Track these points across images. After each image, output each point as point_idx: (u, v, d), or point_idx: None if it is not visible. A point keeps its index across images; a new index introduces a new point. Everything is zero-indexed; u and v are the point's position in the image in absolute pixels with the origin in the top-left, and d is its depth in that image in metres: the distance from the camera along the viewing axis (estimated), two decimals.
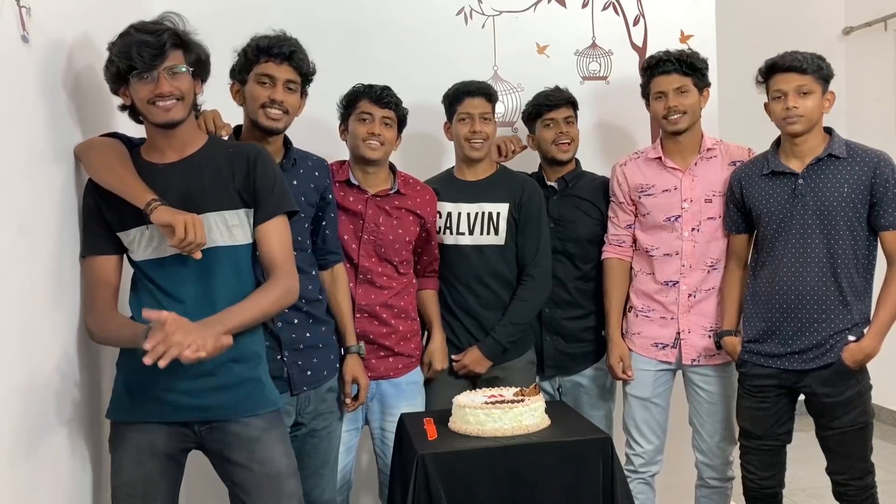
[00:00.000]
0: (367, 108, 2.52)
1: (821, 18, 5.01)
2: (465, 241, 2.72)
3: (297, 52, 2.26)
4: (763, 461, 2.59)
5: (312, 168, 2.38)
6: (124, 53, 1.84)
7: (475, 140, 2.68)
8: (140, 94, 1.87)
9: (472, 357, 2.69)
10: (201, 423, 1.93)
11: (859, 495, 2.48)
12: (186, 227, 1.80)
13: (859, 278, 2.47)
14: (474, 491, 2.06)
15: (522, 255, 2.72)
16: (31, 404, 1.66)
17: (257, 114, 2.24)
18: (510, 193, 2.72)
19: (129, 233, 1.92)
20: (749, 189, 2.58)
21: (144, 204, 1.83)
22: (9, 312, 1.57)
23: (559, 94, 2.85)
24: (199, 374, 1.87)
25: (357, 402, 2.46)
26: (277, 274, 1.96)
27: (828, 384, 2.45)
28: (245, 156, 2.00)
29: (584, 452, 2.13)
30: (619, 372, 2.77)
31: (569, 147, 2.82)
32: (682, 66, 2.65)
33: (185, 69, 1.89)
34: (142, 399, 1.90)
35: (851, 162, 2.45)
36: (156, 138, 1.96)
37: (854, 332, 2.45)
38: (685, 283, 2.71)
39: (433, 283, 2.75)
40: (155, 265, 1.92)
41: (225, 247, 1.94)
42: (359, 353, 2.46)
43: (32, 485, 1.65)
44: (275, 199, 2.00)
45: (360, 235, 2.54)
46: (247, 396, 1.95)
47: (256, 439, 1.94)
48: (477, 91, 2.69)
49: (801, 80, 2.42)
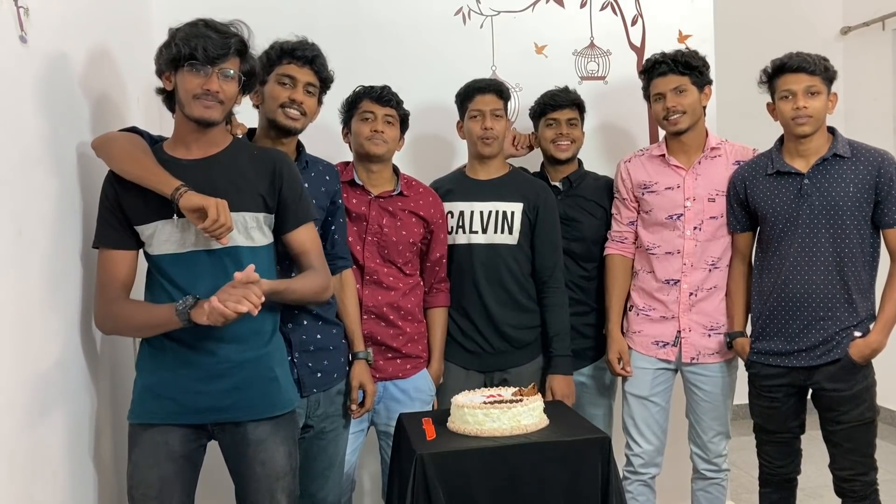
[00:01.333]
0: (369, 107, 2.54)
1: (819, 18, 5.01)
2: (478, 240, 2.70)
3: (319, 58, 2.30)
4: (779, 451, 2.63)
5: (323, 172, 2.39)
6: (188, 42, 1.86)
7: (487, 137, 2.68)
8: (187, 85, 1.88)
9: (557, 384, 2.68)
10: (216, 423, 1.95)
11: (864, 490, 2.50)
12: (218, 209, 1.81)
13: (865, 275, 2.50)
14: (473, 491, 2.05)
15: (541, 260, 2.71)
16: (29, 404, 1.65)
17: (276, 113, 2.25)
18: (524, 194, 2.72)
19: (149, 226, 1.92)
20: (753, 188, 2.59)
21: (173, 189, 1.84)
22: (8, 312, 1.57)
23: (565, 95, 2.85)
24: (218, 374, 1.90)
25: (363, 408, 2.45)
26: (320, 271, 2.06)
27: (836, 380, 2.47)
28: (272, 161, 2.03)
29: (582, 452, 2.13)
30: (618, 368, 2.77)
31: (568, 147, 2.83)
32: (677, 66, 2.66)
33: (236, 76, 1.92)
34: (162, 401, 1.91)
35: (856, 161, 2.47)
36: (185, 133, 1.96)
37: (860, 328, 2.47)
38: (686, 281, 2.72)
39: (443, 299, 2.68)
40: (173, 260, 1.92)
41: (244, 247, 1.95)
42: (367, 360, 2.45)
43: (31, 485, 1.65)
44: (305, 206, 2.08)
45: (364, 237, 2.54)
46: (264, 397, 1.97)
47: (262, 441, 1.96)
48: (488, 88, 2.70)
49: (811, 80, 2.45)
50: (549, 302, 2.73)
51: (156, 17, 2.80)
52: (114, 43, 2.34)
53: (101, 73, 2.21)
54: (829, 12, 5.04)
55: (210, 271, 1.91)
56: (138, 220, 1.92)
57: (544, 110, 2.85)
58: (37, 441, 1.69)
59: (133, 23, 2.66)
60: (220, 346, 1.91)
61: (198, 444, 1.97)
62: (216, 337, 1.90)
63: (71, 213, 1.94)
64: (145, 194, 1.88)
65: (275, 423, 1.99)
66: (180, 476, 1.93)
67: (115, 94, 2.33)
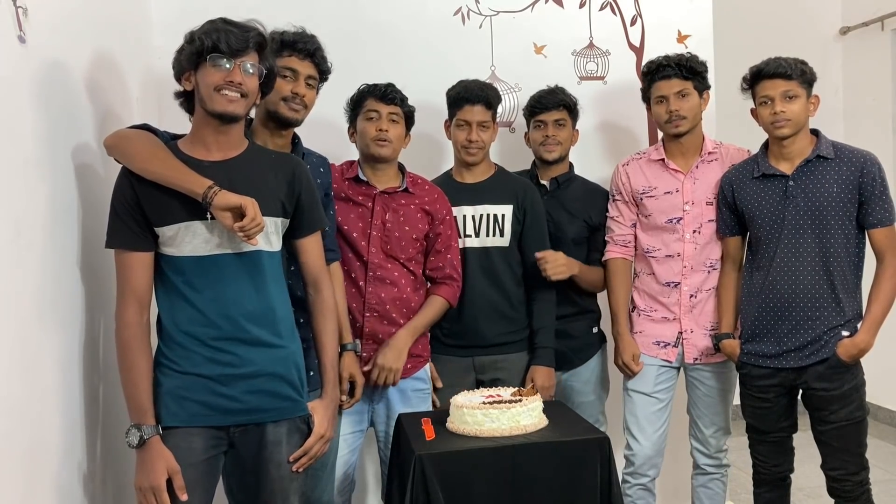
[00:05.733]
0: (374, 106, 2.54)
1: (818, 18, 5.01)
2: (472, 244, 2.71)
3: (319, 50, 2.32)
4: (771, 451, 2.65)
5: (317, 164, 2.40)
6: (211, 35, 1.86)
7: (471, 148, 2.69)
8: (210, 79, 1.87)
9: (539, 375, 2.69)
10: (237, 425, 1.95)
11: (855, 490, 2.51)
12: (255, 208, 1.82)
13: (851, 275, 2.52)
14: (472, 491, 2.06)
15: (531, 258, 2.71)
16: (27, 405, 1.65)
17: (279, 105, 2.26)
18: (512, 195, 2.73)
19: (171, 227, 1.87)
20: (741, 192, 2.61)
21: (205, 188, 1.82)
22: (7, 313, 1.57)
23: (552, 96, 2.85)
24: (242, 375, 1.90)
25: (353, 399, 2.45)
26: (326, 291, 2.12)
27: (824, 379, 2.48)
28: (290, 166, 2.03)
29: (581, 452, 2.13)
30: (635, 368, 2.76)
31: (555, 148, 2.83)
32: (682, 70, 2.67)
33: (257, 72, 1.92)
34: (186, 403, 1.89)
35: (839, 162, 2.49)
36: (205, 133, 1.94)
37: (847, 327, 2.49)
38: (686, 283, 2.73)
39: (446, 291, 2.62)
40: (198, 263, 1.89)
41: (264, 251, 1.94)
42: (355, 351, 2.45)
43: (29, 485, 1.65)
44: (318, 214, 2.10)
45: (368, 232, 2.54)
46: (286, 399, 1.97)
47: (278, 442, 1.96)
48: (477, 99, 2.68)
49: (787, 85, 2.47)
50: (536, 297, 2.76)
51: (155, 17, 2.81)
52: (113, 43, 2.34)
53: (100, 74, 2.21)
54: (828, 12, 5.04)
55: (234, 274, 1.91)
56: (160, 222, 1.88)
57: (533, 112, 2.86)
58: (35, 441, 1.69)
59: (132, 23, 2.66)
60: (245, 347, 1.91)
61: (218, 451, 1.95)
62: (240, 338, 1.90)
63: (69, 214, 1.93)
64: (168, 194, 1.85)
65: (292, 424, 1.99)
66: (200, 483, 1.91)
67: (114, 94, 2.33)
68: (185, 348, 1.90)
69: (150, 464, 1.83)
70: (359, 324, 2.53)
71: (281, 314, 1.98)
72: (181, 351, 1.90)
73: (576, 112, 2.89)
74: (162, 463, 1.83)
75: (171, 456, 1.85)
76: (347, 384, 2.42)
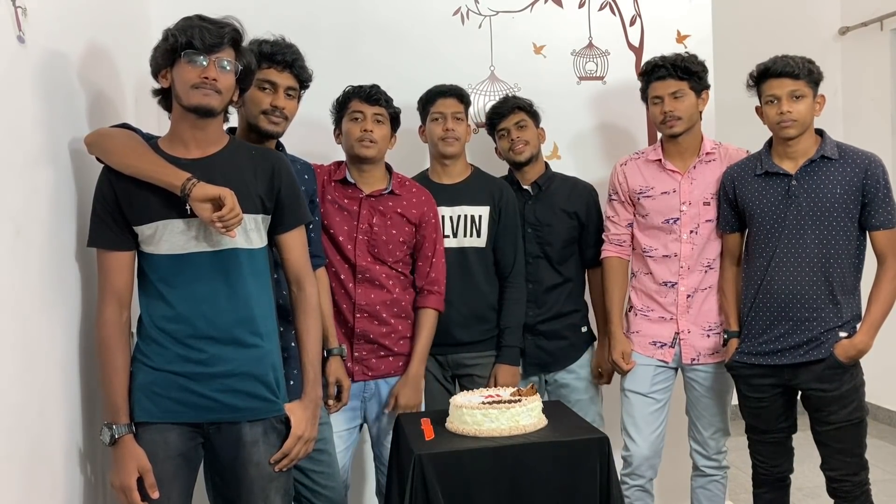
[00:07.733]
0: (358, 107, 2.54)
1: (817, 18, 5.02)
2: (449, 244, 2.73)
3: (298, 60, 2.29)
4: (771, 451, 2.65)
5: (301, 171, 2.38)
6: (185, 31, 1.86)
7: (448, 137, 2.71)
8: (185, 76, 1.87)
9: (502, 373, 2.72)
10: (211, 422, 1.95)
11: (854, 491, 2.51)
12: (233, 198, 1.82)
13: (850, 276, 2.51)
14: (471, 491, 2.06)
15: (504, 258, 2.76)
16: (27, 404, 1.65)
17: (258, 119, 2.25)
18: (489, 196, 2.76)
19: (150, 226, 1.88)
20: (742, 189, 2.60)
21: (184, 180, 1.82)
22: (7, 312, 1.57)
23: (505, 102, 2.87)
24: (216, 374, 1.90)
25: (340, 403, 2.46)
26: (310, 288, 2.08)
27: (823, 380, 2.47)
28: (270, 162, 2.02)
29: (581, 452, 2.13)
30: (625, 366, 2.77)
31: (524, 148, 2.83)
32: (676, 70, 2.67)
33: (233, 69, 1.91)
34: (159, 399, 1.90)
35: (843, 163, 2.48)
36: (182, 129, 1.94)
37: (845, 328, 2.48)
38: (683, 283, 2.73)
39: (434, 301, 2.62)
40: (174, 261, 1.90)
41: (243, 249, 1.94)
42: (340, 356, 2.46)
43: (29, 485, 1.65)
44: (301, 209, 2.08)
45: (354, 235, 2.55)
46: (261, 399, 1.96)
47: (256, 442, 1.96)
48: (449, 92, 2.74)
49: (794, 84, 2.46)
50: (507, 296, 2.78)
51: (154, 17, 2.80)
52: (112, 43, 2.34)
53: (99, 73, 2.21)
54: (827, 12, 5.04)
55: (209, 273, 1.90)
56: (138, 221, 1.89)
57: (493, 124, 2.87)
58: (35, 441, 1.68)
59: (131, 22, 2.66)
60: (218, 346, 1.91)
61: (195, 443, 1.96)
62: (213, 337, 1.90)
63: (68, 212, 1.93)
64: (146, 193, 1.86)
65: (269, 424, 1.98)
66: (178, 477, 1.93)
67: (113, 93, 2.33)
68: (159, 345, 1.90)
69: (122, 463, 1.85)
70: (350, 324, 2.54)
71: (259, 313, 1.96)
72: (156, 347, 1.90)
73: (534, 112, 2.88)
74: (133, 462, 1.85)
75: (142, 454, 1.86)
76: (335, 388, 2.43)
